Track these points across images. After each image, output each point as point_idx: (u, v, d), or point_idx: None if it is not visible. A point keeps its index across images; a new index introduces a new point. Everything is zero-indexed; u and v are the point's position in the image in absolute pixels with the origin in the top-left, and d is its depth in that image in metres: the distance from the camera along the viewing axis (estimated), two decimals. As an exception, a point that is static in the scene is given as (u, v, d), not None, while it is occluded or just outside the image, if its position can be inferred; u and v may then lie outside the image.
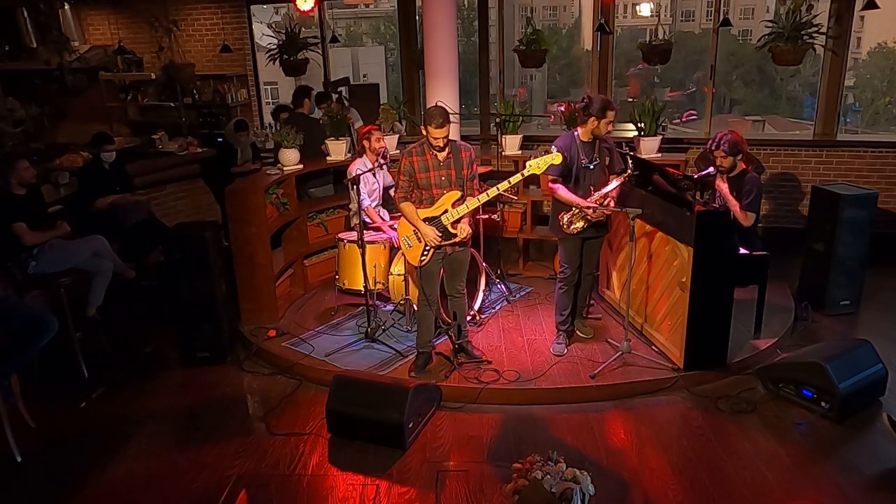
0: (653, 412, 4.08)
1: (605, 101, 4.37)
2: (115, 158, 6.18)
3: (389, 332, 5.02)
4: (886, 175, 7.03)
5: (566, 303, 4.72)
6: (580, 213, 4.43)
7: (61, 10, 8.97)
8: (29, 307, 4.29)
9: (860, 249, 5.20)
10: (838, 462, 3.57)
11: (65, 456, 3.84)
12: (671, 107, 18.42)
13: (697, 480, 3.42)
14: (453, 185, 4.18)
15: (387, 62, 23.95)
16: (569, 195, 4.42)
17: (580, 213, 4.43)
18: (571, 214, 4.44)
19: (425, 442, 3.83)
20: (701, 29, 23.51)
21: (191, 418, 4.23)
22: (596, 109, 4.33)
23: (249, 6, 9.10)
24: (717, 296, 4.17)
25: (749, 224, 4.74)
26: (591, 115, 4.35)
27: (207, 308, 4.77)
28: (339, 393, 3.88)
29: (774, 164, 7.34)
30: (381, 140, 5.55)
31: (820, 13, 6.54)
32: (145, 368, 4.85)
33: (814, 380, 3.95)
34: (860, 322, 5.27)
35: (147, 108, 9.61)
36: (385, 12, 23.79)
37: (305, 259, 5.93)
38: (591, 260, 4.73)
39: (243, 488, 3.48)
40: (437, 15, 5.83)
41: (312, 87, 7.83)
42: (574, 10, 26.20)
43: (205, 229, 4.81)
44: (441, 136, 4.03)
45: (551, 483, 2.94)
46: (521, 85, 23.69)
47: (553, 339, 4.79)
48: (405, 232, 4.31)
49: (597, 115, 4.33)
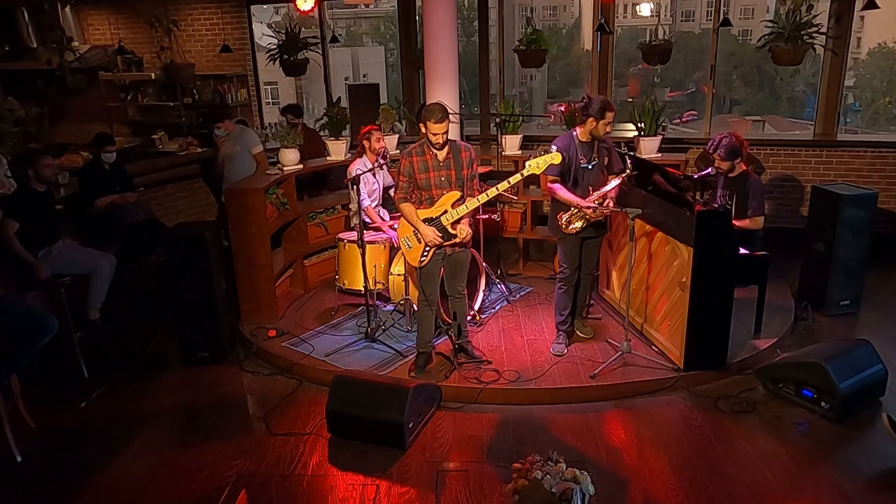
0: (653, 412, 4.08)
1: (605, 102, 4.37)
2: (115, 158, 6.18)
3: (389, 332, 5.02)
4: (886, 175, 7.03)
5: (566, 302, 4.72)
6: (579, 213, 4.43)
7: (61, 10, 8.97)
8: (29, 307, 4.28)
9: (860, 249, 5.20)
10: (838, 462, 3.57)
11: (65, 456, 3.84)
12: (671, 107, 18.44)
13: (697, 480, 3.42)
14: (453, 186, 4.18)
15: (387, 62, 23.98)
16: (568, 195, 4.42)
17: (579, 213, 4.43)
18: (570, 214, 4.44)
19: (425, 442, 3.83)
20: (701, 29, 23.54)
21: (191, 418, 4.23)
22: (595, 110, 4.33)
23: (249, 6, 9.10)
24: (717, 296, 4.17)
25: (759, 227, 4.77)
26: (589, 115, 4.35)
27: (207, 308, 4.77)
28: (339, 393, 3.88)
29: (774, 164, 7.34)
30: (380, 140, 5.55)
31: (820, 13, 6.54)
32: (145, 368, 4.85)
33: (814, 380, 3.95)
34: (860, 322, 5.27)
35: (147, 108, 9.61)
36: (385, 12, 23.80)
37: (305, 259, 5.93)
38: (590, 260, 4.74)
39: (243, 488, 3.48)
40: (437, 15, 5.83)
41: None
42: (574, 10, 26.23)
43: (205, 229, 4.81)
44: (440, 131, 4.02)
45: (551, 483, 2.94)
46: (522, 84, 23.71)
47: (553, 339, 4.79)
48: (405, 233, 4.30)
49: (595, 115, 4.33)
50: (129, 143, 8.63)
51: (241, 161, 6.59)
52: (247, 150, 6.63)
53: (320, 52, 8.71)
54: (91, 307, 5.27)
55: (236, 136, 6.69)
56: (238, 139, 6.65)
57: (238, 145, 6.64)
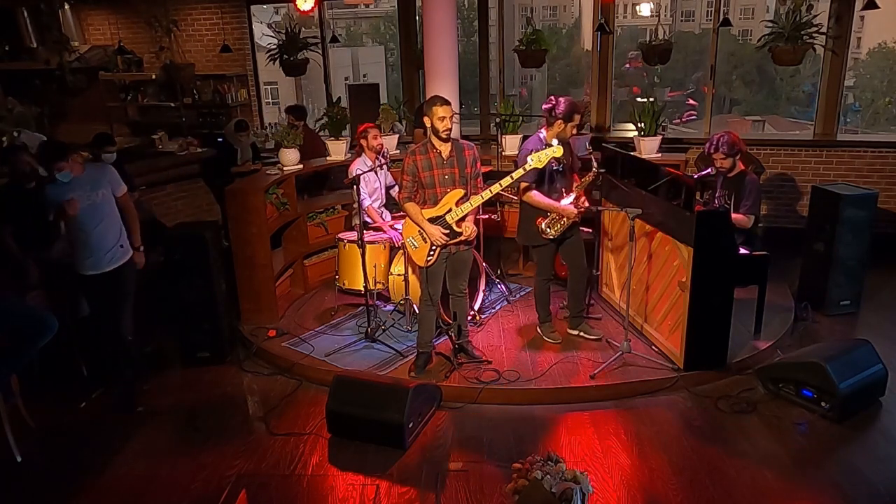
0: (653, 412, 4.08)
1: (572, 105, 4.36)
2: (115, 159, 6.17)
3: (389, 332, 5.02)
4: (886, 175, 7.03)
5: (548, 297, 4.83)
6: (558, 217, 4.45)
7: (61, 10, 8.97)
8: (29, 307, 4.28)
9: (860, 249, 5.20)
10: (838, 462, 3.57)
11: (65, 456, 3.84)
12: (671, 107, 18.42)
13: (697, 480, 3.42)
14: (457, 184, 4.18)
15: (387, 62, 23.98)
16: (548, 201, 4.45)
17: (557, 217, 4.45)
18: (550, 219, 4.46)
19: (425, 442, 3.83)
20: (701, 29, 23.54)
21: (191, 418, 4.23)
22: (563, 113, 4.34)
23: (249, 6, 9.10)
24: (717, 296, 4.17)
25: (749, 226, 4.77)
26: (557, 118, 4.36)
27: (207, 308, 4.77)
28: (339, 393, 3.88)
29: (774, 164, 7.34)
30: (377, 137, 5.55)
31: (820, 13, 6.55)
32: (145, 368, 4.85)
33: (814, 380, 3.95)
34: (860, 322, 5.27)
35: (147, 108, 9.61)
36: (385, 12, 23.79)
37: (305, 259, 5.93)
38: (577, 258, 4.72)
39: (243, 488, 3.49)
40: (437, 15, 5.83)
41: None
42: (574, 10, 26.23)
43: (205, 229, 4.81)
44: (447, 115, 4.04)
45: (551, 483, 2.94)
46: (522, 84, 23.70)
47: (544, 333, 4.86)
48: (410, 233, 4.30)
49: (564, 118, 4.36)
50: (129, 143, 8.63)
51: (99, 213, 4.23)
52: (108, 195, 4.30)
53: (320, 52, 8.71)
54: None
55: (89, 179, 4.21)
56: (90, 182, 4.21)
57: (94, 189, 4.21)
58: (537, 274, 4.79)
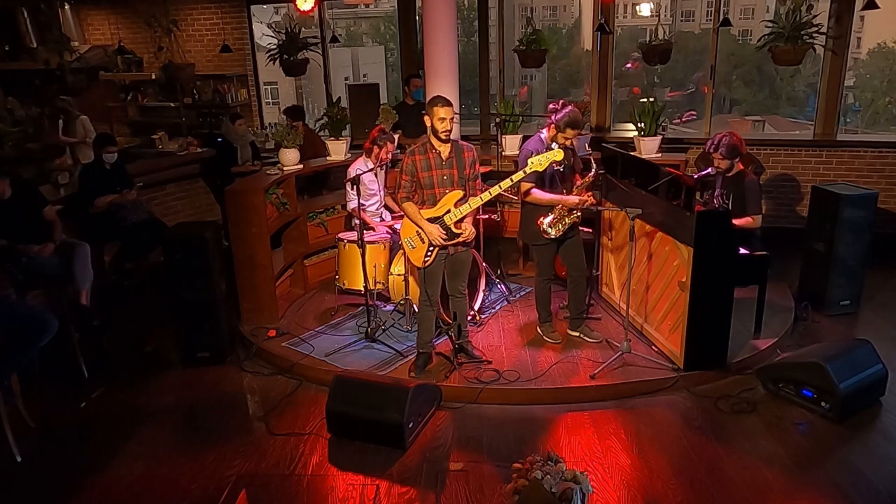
0: (653, 412, 4.08)
1: (571, 119, 4.33)
2: (116, 159, 6.18)
3: (389, 332, 5.02)
4: (886, 175, 7.03)
5: (549, 297, 4.82)
6: (561, 214, 4.44)
7: (61, 9, 8.97)
8: (29, 307, 4.28)
9: (860, 249, 5.20)
10: (838, 462, 3.57)
11: (65, 456, 3.84)
12: (671, 107, 18.41)
13: (697, 480, 3.42)
14: (455, 185, 4.18)
15: (387, 62, 23.96)
16: (552, 195, 4.45)
17: (561, 215, 4.44)
18: (552, 218, 4.45)
19: (425, 442, 3.83)
20: (701, 29, 23.51)
21: (191, 418, 4.23)
22: (560, 122, 4.35)
23: (249, 6, 9.10)
24: (717, 296, 4.17)
25: (757, 226, 4.79)
26: (553, 123, 4.39)
27: (207, 308, 4.77)
28: (339, 393, 3.88)
29: (774, 164, 7.35)
30: (390, 153, 5.46)
31: (820, 13, 6.54)
32: (145, 368, 4.85)
33: (814, 380, 3.95)
34: (860, 322, 5.27)
35: (147, 108, 9.62)
36: (385, 12, 23.79)
37: (305, 259, 5.93)
38: (576, 259, 4.72)
39: (243, 488, 3.48)
40: (437, 15, 5.83)
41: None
42: (574, 10, 26.20)
43: (205, 229, 4.80)
44: (447, 116, 4.04)
45: (551, 483, 2.94)
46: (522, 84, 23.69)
47: (545, 333, 4.86)
48: (408, 233, 4.30)
49: (559, 127, 4.37)
50: (129, 143, 8.63)
51: None
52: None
53: (320, 52, 8.71)
54: (81, 289, 5.02)
55: None
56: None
57: None
58: (538, 274, 4.78)
